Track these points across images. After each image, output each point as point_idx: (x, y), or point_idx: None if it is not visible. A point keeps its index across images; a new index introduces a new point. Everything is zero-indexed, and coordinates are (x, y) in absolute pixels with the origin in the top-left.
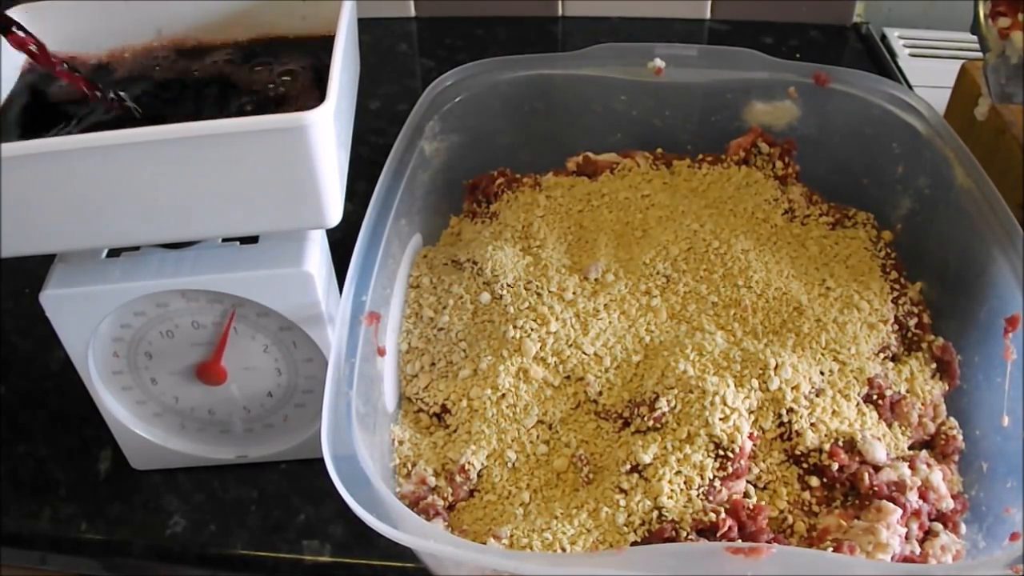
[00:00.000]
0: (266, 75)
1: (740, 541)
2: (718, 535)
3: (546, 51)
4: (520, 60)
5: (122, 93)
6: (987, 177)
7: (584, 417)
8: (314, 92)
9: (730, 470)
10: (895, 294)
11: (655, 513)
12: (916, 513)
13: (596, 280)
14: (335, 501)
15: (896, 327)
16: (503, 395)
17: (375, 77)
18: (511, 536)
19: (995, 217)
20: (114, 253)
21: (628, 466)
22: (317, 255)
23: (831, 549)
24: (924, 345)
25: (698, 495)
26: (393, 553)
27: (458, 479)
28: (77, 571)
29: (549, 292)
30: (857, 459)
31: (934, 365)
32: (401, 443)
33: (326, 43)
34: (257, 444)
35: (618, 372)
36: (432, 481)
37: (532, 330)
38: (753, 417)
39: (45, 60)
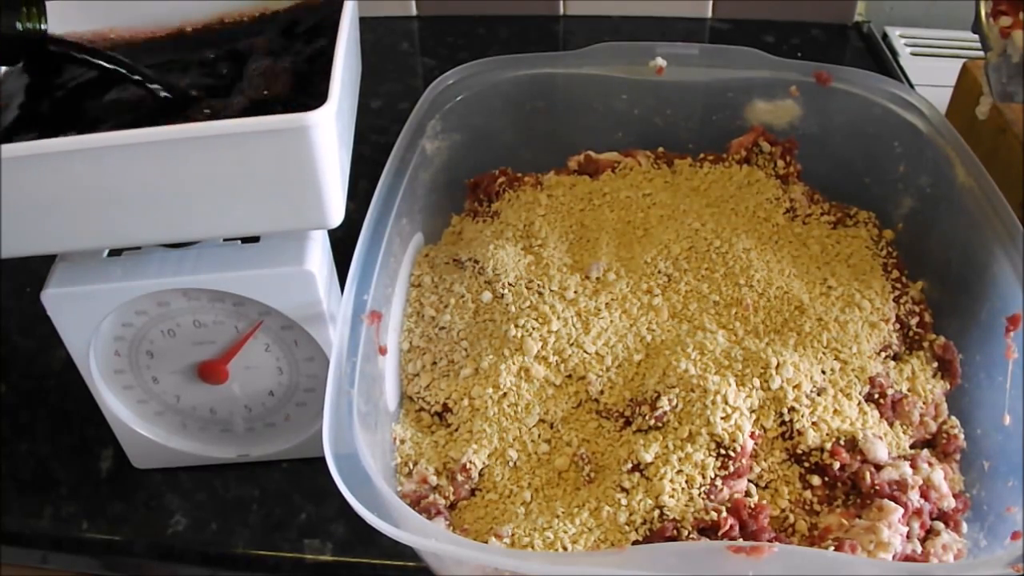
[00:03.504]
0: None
1: (741, 540)
2: (719, 534)
3: (548, 50)
4: (522, 59)
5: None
6: (988, 176)
7: (585, 416)
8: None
9: (731, 469)
10: (896, 293)
11: (656, 512)
12: (917, 512)
13: (597, 279)
14: (336, 500)
15: (897, 326)
16: (504, 394)
17: (377, 76)
18: (512, 535)
19: (996, 216)
20: (115, 252)
21: (629, 465)
22: (319, 254)
23: (832, 548)
24: (925, 344)
25: (699, 494)
26: (394, 552)
27: (459, 478)
28: (78, 570)
29: (550, 291)
30: (858, 458)
31: (935, 364)
32: (402, 442)
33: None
34: (258, 443)
35: (619, 371)
36: (433, 480)
37: (533, 329)
38: (754, 416)
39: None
